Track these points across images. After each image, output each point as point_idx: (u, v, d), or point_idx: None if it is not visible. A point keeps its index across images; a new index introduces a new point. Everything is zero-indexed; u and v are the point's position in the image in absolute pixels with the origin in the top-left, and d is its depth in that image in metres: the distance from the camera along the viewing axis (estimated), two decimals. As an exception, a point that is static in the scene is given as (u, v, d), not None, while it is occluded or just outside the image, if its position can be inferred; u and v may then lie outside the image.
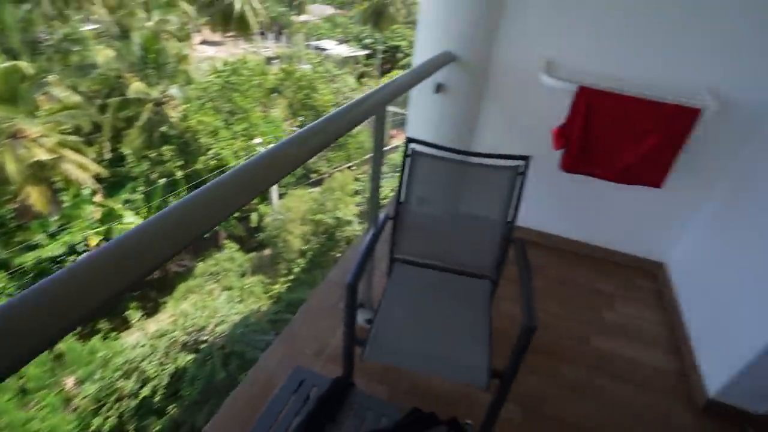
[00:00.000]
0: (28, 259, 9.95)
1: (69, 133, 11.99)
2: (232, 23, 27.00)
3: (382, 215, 1.68)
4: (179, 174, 13.07)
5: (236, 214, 13.61)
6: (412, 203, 1.70)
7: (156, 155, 13.34)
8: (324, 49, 29.05)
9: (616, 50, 2.07)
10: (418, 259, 1.77)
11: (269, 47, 33.59)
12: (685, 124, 1.88)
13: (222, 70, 16.08)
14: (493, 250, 1.68)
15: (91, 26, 20.22)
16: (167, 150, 13.25)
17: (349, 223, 10.94)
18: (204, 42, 35.89)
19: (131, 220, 12.15)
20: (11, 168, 9.68)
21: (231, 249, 11.63)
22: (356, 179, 13.33)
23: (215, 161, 13.14)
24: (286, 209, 11.23)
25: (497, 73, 2.35)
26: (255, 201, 13.72)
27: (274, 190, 12.78)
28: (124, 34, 16.38)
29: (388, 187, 12.79)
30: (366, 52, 31.08)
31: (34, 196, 10.14)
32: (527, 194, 1.61)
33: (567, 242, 2.67)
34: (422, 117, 2.65)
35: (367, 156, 16.79)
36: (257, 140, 13.23)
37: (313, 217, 10.90)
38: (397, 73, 26.20)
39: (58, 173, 11.04)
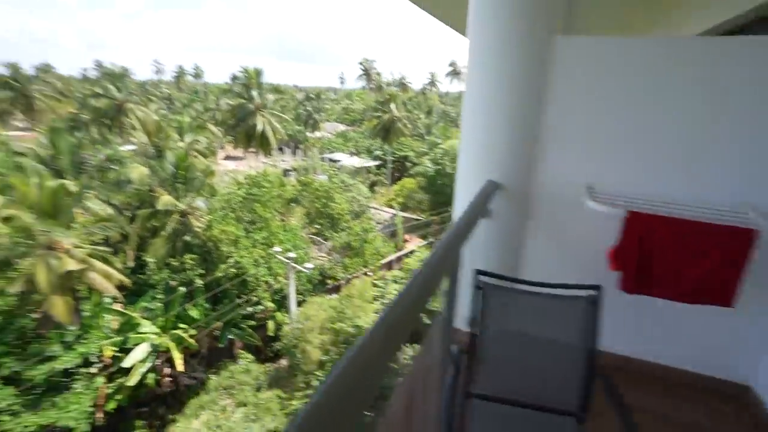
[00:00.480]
0: (41, 372, 9.62)
1: (99, 244, 12.48)
2: (254, 140, 29.62)
3: (454, 349, 1.66)
4: (199, 282, 13.17)
5: (252, 323, 13.37)
6: (487, 336, 1.70)
7: (178, 263, 13.63)
8: (337, 161, 31.36)
9: (655, 173, 2.22)
10: (496, 395, 1.70)
11: (287, 160, 36.43)
12: (742, 245, 1.93)
13: (244, 182, 17.23)
14: (577, 384, 1.62)
15: (130, 147, 22.35)
16: (189, 258, 13.56)
17: (369, 330, 10.58)
18: (227, 157, 39.11)
19: (147, 329, 11.95)
20: (41, 278, 9.89)
21: (247, 360, 11.15)
22: (375, 285, 13.27)
23: (235, 269, 13.33)
24: (305, 317, 11.02)
25: (541, 200, 2.50)
26: (271, 308, 13.56)
27: (292, 298, 12.68)
28: (159, 154, 17.96)
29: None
30: (376, 162, 33.41)
31: (58, 306, 10.17)
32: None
33: (639, 364, 2.53)
34: (470, 242, 2.74)
35: (384, 261, 16.94)
36: (276, 248, 13.56)
37: (332, 326, 10.63)
38: (407, 181, 27.75)
39: (84, 283, 11.22)
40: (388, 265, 17.46)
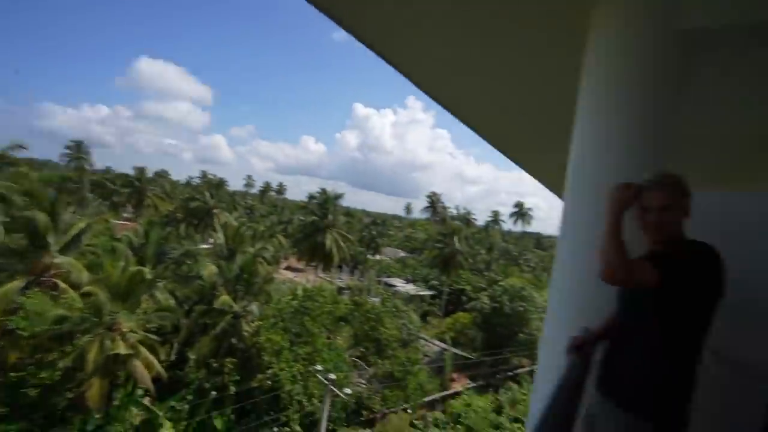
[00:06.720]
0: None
1: (151, 332, 12.85)
2: (318, 256, 30.94)
3: None
4: (232, 389, 12.69)
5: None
6: None
7: (217, 365, 13.41)
8: (393, 286, 31.37)
9: None
10: None
11: (343, 278, 37.14)
12: None
13: (299, 294, 17.56)
14: None
15: (208, 246, 24.43)
16: (230, 362, 13.35)
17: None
18: (288, 267, 40.88)
19: (167, 433, 11.26)
20: (91, 357, 10.15)
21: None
22: (413, 425, 11.84)
23: (271, 381, 12.78)
24: (331, 452, 9.85)
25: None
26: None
27: (323, 427, 11.61)
28: (231, 255, 19.30)
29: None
30: (431, 292, 32.81)
31: (93, 390, 10.15)
32: None
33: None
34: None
35: (427, 399, 15.38)
36: (318, 366, 12.99)
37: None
38: (461, 315, 26.62)
39: (125, 369, 11.28)
40: (431, 405, 15.73)
